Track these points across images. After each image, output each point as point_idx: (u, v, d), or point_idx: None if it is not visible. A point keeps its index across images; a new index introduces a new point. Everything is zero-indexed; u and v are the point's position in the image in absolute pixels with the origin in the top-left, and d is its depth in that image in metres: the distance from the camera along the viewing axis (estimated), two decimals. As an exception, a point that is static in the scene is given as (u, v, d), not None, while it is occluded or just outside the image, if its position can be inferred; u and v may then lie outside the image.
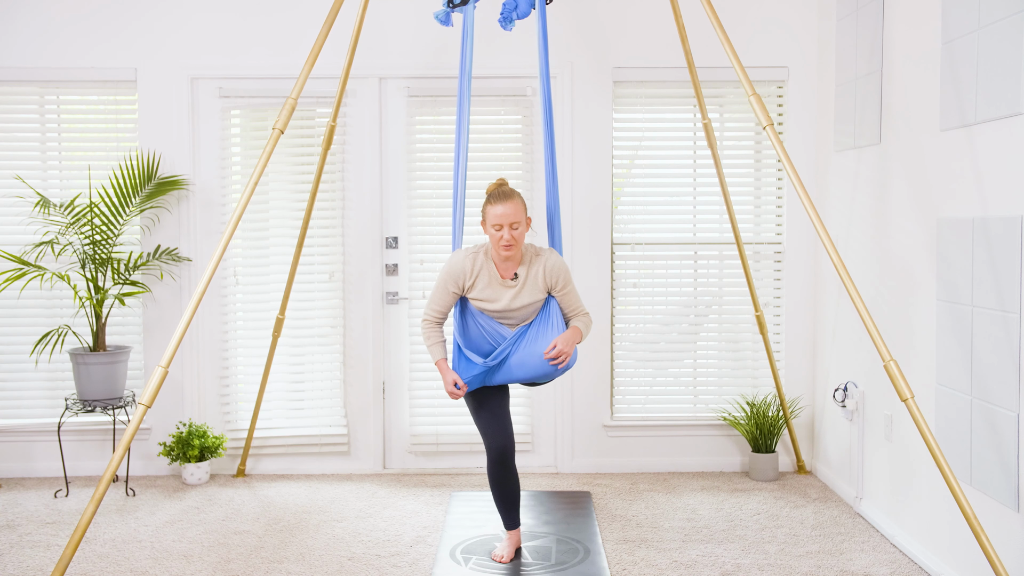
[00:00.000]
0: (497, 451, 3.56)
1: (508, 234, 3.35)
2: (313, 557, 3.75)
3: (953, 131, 3.43)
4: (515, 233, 3.36)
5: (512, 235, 3.36)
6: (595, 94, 4.93)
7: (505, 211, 3.34)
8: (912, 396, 2.99)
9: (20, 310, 4.92)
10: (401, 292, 4.97)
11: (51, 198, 4.83)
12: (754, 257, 5.01)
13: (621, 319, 5.03)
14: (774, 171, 5.00)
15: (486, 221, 3.41)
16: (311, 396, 5.01)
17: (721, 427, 5.01)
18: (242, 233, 4.96)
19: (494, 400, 3.60)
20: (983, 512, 3.19)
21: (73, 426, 4.89)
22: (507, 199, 3.36)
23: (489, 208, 3.39)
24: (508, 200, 3.35)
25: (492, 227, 3.37)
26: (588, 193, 4.92)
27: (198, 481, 4.77)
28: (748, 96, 3.47)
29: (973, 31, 3.26)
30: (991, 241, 3.13)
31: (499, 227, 3.35)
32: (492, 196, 3.40)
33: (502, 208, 3.34)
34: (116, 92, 4.93)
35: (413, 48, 4.90)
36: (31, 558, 3.75)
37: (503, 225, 3.34)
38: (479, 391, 3.60)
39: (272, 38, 4.88)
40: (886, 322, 3.96)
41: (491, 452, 3.58)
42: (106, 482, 3.03)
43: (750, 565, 3.64)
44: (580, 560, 3.69)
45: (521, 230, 3.38)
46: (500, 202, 3.35)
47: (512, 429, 3.62)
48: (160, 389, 3.23)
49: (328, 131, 4.56)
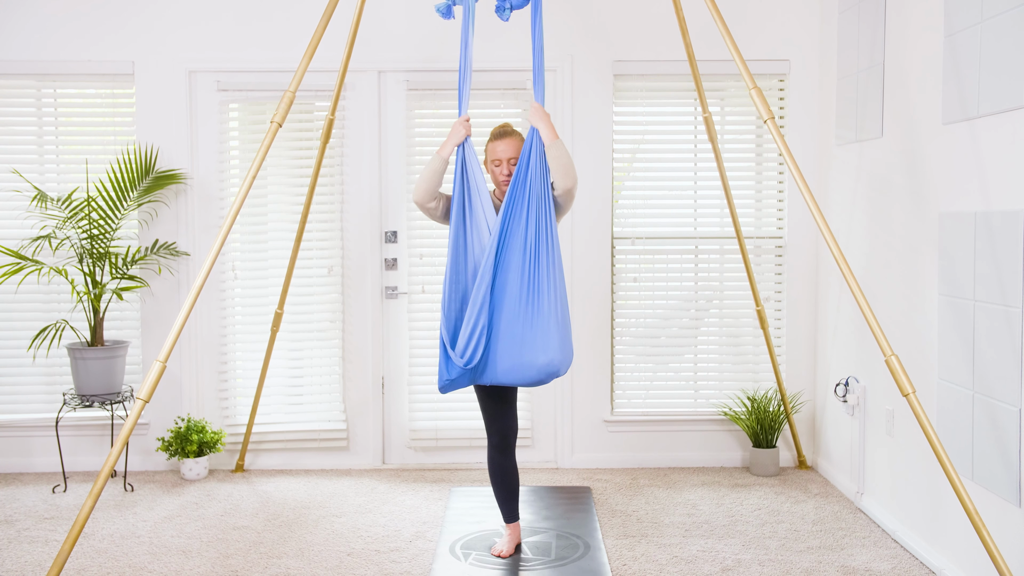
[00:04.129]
0: (500, 437, 3.58)
1: (507, 169, 3.51)
2: (312, 552, 3.74)
3: (955, 125, 3.41)
4: (513, 168, 3.50)
5: (511, 170, 3.51)
6: (595, 87, 4.90)
7: (504, 147, 3.51)
8: (913, 391, 2.98)
9: (17, 304, 4.90)
10: (400, 287, 4.96)
11: (48, 192, 4.81)
12: (755, 251, 4.99)
13: (621, 314, 5.01)
14: (775, 165, 4.98)
15: (488, 159, 3.58)
16: (310, 391, 4.99)
17: (722, 422, 4.99)
18: (240, 227, 4.94)
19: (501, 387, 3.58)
20: (984, 507, 3.18)
21: (71, 421, 4.88)
22: (506, 136, 3.54)
23: (490, 145, 3.56)
24: (507, 137, 3.54)
25: (492, 163, 3.55)
26: (588, 187, 4.90)
27: (197, 476, 4.76)
28: (749, 89, 3.45)
29: (976, 24, 3.24)
30: (993, 235, 3.12)
31: (499, 162, 3.52)
32: (493, 135, 3.58)
33: (503, 145, 3.52)
34: (114, 85, 4.91)
35: (412, 41, 4.88)
36: (29, 553, 3.74)
37: (502, 161, 3.51)
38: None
39: (270, 31, 4.86)
40: (887, 316, 3.95)
41: (492, 438, 3.59)
42: (104, 477, 3.02)
43: (751, 560, 3.63)
44: (580, 556, 3.68)
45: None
46: (500, 139, 3.53)
47: (516, 419, 3.62)
48: (158, 384, 3.21)
49: (327, 124, 4.54)
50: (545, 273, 3.32)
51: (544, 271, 3.32)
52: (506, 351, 3.31)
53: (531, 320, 3.30)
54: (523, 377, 3.31)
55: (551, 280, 3.33)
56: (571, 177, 3.39)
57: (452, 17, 3.78)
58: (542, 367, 3.28)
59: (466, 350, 3.31)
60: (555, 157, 3.37)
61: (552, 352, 3.28)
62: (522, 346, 3.29)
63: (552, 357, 3.28)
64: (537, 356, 3.28)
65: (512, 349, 3.30)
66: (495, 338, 3.33)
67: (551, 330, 3.30)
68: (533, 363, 3.28)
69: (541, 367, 3.28)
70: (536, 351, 3.28)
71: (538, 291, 3.31)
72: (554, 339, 3.30)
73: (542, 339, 3.29)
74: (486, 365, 3.35)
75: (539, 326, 3.30)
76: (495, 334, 3.33)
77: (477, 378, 3.40)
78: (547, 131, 3.38)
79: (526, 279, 3.31)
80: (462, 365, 3.32)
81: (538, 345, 3.29)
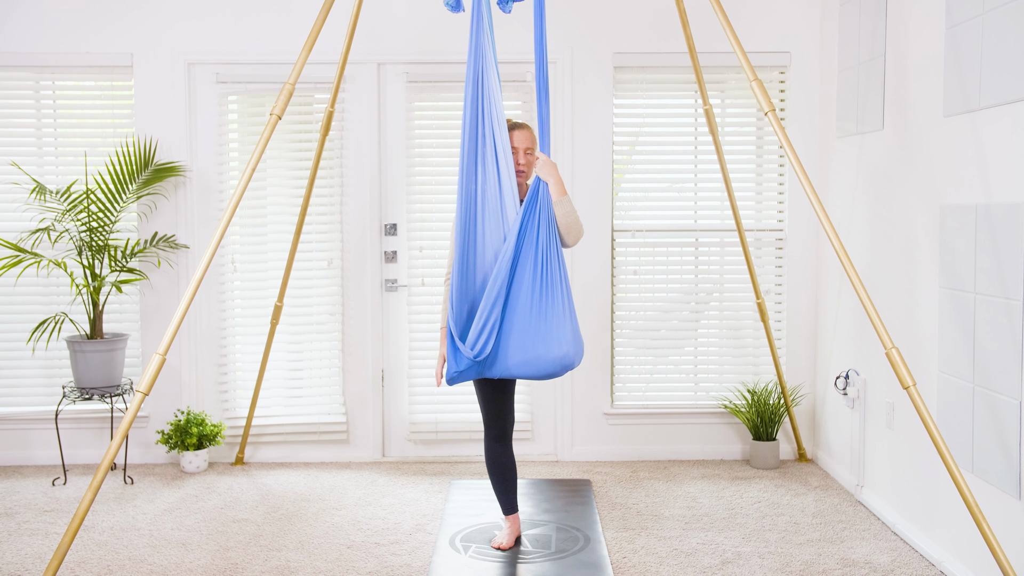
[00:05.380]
0: (499, 429, 3.61)
1: (523, 158, 3.58)
2: (312, 545, 3.74)
3: (957, 117, 3.40)
4: (529, 158, 3.61)
5: (526, 159, 3.60)
6: (595, 79, 4.89)
7: (519, 137, 3.57)
8: (914, 384, 2.97)
9: (17, 297, 4.89)
10: (400, 279, 4.95)
11: (47, 184, 4.80)
12: (755, 244, 4.99)
13: (621, 306, 5.01)
14: (776, 157, 4.96)
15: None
16: (310, 384, 4.99)
17: (722, 415, 4.99)
18: (240, 220, 4.93)
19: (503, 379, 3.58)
20: (984, 499, 3.18)
21: (71, 414, 4.88)
22: (521, 127, 3.61)
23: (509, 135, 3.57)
24: (522, 128, 3.61)
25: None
26: (588, 180, 4.89)
27: (196, 469, 4.76)
28: (750, 82, 3.44)
29: (978, 15, 3.22)
30: (994, 228, 3.11)
31: (515, 151, 3.56)
32: (510, 128, 3.60)
33: (518, 133, 3.58)
34: (112, 77, 4.90)
35: (412, 34, 4.86)
36: (29, 546, 3.74)
37: (518, 149, 3.56)
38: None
39: (269, 23, 4.84)
40: (888, 309, 3.94)
41: (491, 430, 3.61)
42: (104, 470, 3.02)
43: (750, 553, 3.63)
44: (580, 548, 3.68)
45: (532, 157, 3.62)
46: (515, 130, 3.58)
47: (514, 410, 3.66)
48: (158, 377, 3.20)
49: (326, 117, 4.53)
50: (556, 267, 3.36)
51: (555, 265, 3.37)
52: (519, 345, 3.34)
53: (545, 314, 3.33)
54: (538, 370, 3.35)
55: (562, 273, 3.38)
56: (574, 235, 3.49)
57: (462, 10, 3.73)
58: (557, 359, 3.32)
59: (477, 342, 3.33)
60: (562, 215, 3.42)
61: (566, 344, 3.33)
62: (536, 339, 3.33)
63: (567, 349, 3.33)
64: (552, 349, 3.32)
65: (526, 343, 3.33)
66: (507, 332, 3.35)
67: (564, 323, 3.35)
68: (548, 356, 3.32)
69: (556, 359, 3.32)
70: (551, 344, 3.32)
71: (551, 285, 3.35)
72: (567, 332, 3.34)
73: (556, 332, 3.33)
74: (496, 358, 3.37)
75: (553, 319, 3.33)
76: (507, 328, 3.35)
77: (485, 371, 3.40)
78: (555, 187, 3.41)
79: (539, 274, 3.34)
80: (472, 357, 3.34)
81: (552, 338, 3.33)
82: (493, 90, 3.38)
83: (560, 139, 4.87)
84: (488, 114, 3.38)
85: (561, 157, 4.87)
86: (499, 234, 3.38)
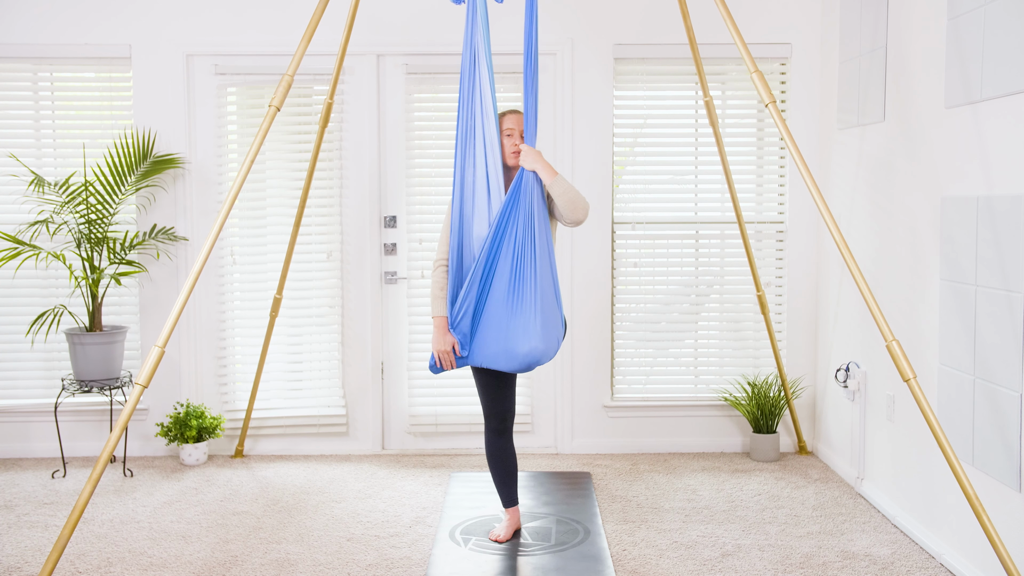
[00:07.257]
0: (499, 420, 3.62)
1: (519, 139, 3.59)
2: (312, 538, 3.74)
3: (958, 108, 3.38)
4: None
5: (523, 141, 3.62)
6: (596, 71, 4.87)
7: (516, 119, 3.62)
8: (914, 376, 2.97)
9: (15, 290, 4.89)
10: (400, 272, 4.94)
11: (45, 176, 4.79)
12: (756, 236, 4.97)
13: (621, 299, 5.00)
14: (776, 149, 4.95)
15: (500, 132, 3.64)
16: (309, 376, 4.99)
17: (722, 407, 4.99)
18: (239, 212, 4.92)
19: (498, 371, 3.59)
20: (985, 492, 3.18)
21: (70, 406, 4.87)
22: (517, 112, 3.66)
23: (502, 119, 3.63)
24: (518, 113, 3.65)
25: (505, 135, 3.60)
26: (589, 172, 4.88)
27: (196, 462, 4.76)
28: (750, 73, 3.43)
29: (980, 6, 3.21)
30: (996, 220, 3.10)
31: (511, 132, 3.58)
32: (503, 113, 3.65)
33: (514, 116, 3.62)
34: (111, 69, 4.88)
35: (411, 25, 4.84)
36: (29, 538, 3.74)
37: (514, 131, 3.59)
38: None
39: (268, 15, 4.82)
40: (889, 302, 3.93)
41: (491, 422, 3.63)
42: (103, 462, 3.01)
43: (751, 546, 3.63)
44: (580, 541, 3.68)
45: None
46: (511, 113, 3.63)
47: (514, 402, 3.67)
48: (157, 369, 3.20)
49: (325, 108, 4.51)
50: (530, 265, 3.40)
51: (529, 264, 3.40)
52: (493, 337, 3.44)
53: (514, 309, 3.41)
54: (508, 363, 3.44)
55: (535, 272, 3.41)
56: (580, 209, 3.45)
57: (462, 1, 3.71)
58: (524, 355, 3.40)
59: (455, 314, 3.46)
60: (560, 193, 3.42)
61: (534, 342, 3.39)
62: (507, 334, 3.41)
63: (534, 346, 3.39)
64: (519, 345, 3.40)
65: (499, 336, 3.43)
66: (485, 324, 3.46)
67: (533, 321, 3.40)
68: (516, 351, 3.41)
69: (523, 355, 3.40)
70: (518, 340, 3.40)
71: (523, 280, 3.41)
72: (535, 330, 3.39)
73: (523, 328, 3.40)
74: (474, 346, 3.49)
75: (521, 315, 3.40)
76: (484, 320, 3.46)
77: (468, 358, 3.51)
78: (545, 171, 3.42)
79: (513, 268, 3.41)
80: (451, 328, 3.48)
81: (519, 334, 3.40)
82: (483, 83, 3.45)
83: (560, 131, 4.86)
84: (477, 107, 3.48)
85: (561, 149, 4.86)
86: (484, 226, 3.46)
